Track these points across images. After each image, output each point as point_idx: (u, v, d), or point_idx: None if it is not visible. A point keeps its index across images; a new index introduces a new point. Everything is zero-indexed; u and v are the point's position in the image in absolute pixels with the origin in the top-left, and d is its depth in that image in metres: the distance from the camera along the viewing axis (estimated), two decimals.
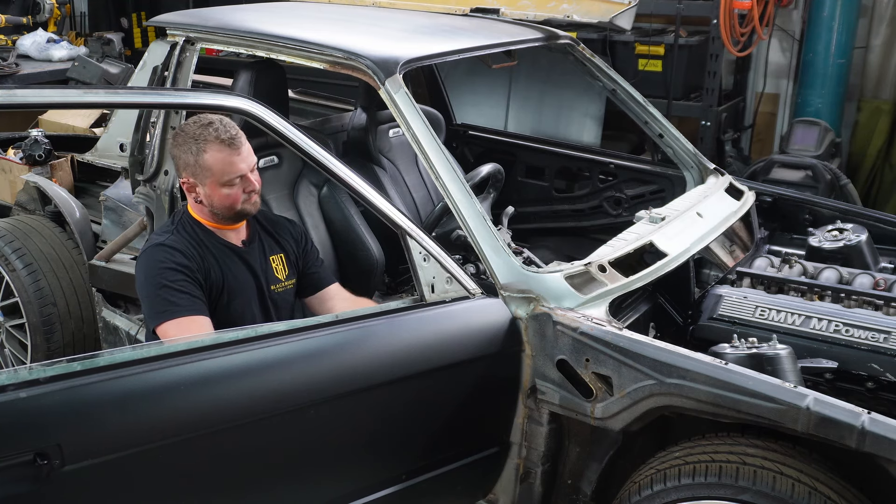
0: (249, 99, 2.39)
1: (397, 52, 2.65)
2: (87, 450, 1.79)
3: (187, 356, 1.95)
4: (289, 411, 2.05)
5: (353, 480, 2.27)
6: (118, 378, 1.85)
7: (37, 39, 6.79)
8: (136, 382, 1.88)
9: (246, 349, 2.03)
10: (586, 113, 5.73)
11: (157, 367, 1.90)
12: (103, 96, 2.28)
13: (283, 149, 3.09)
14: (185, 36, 2.93)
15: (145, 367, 1.89)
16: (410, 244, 2.36)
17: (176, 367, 1.92)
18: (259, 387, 2.02)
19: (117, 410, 1.85)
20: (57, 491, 1.75)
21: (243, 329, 2.10)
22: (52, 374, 1.79)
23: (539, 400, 2.33)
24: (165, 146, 2.80)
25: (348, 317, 2.24)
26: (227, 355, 1.99)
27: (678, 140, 3.38)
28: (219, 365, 1.98)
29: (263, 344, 2.05)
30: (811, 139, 5.37)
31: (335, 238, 3.14)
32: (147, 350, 1.94)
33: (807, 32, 5.73)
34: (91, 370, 1.83)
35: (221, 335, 2.07)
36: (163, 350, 1.95)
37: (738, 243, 3.13)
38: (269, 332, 2.09)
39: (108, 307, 3.25)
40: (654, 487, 2.13)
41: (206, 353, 1.98)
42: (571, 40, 3.36)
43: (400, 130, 3.29)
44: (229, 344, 2.02)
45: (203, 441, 1.94)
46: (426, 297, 2.35)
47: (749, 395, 1.97)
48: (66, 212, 3.47)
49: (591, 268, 2.41)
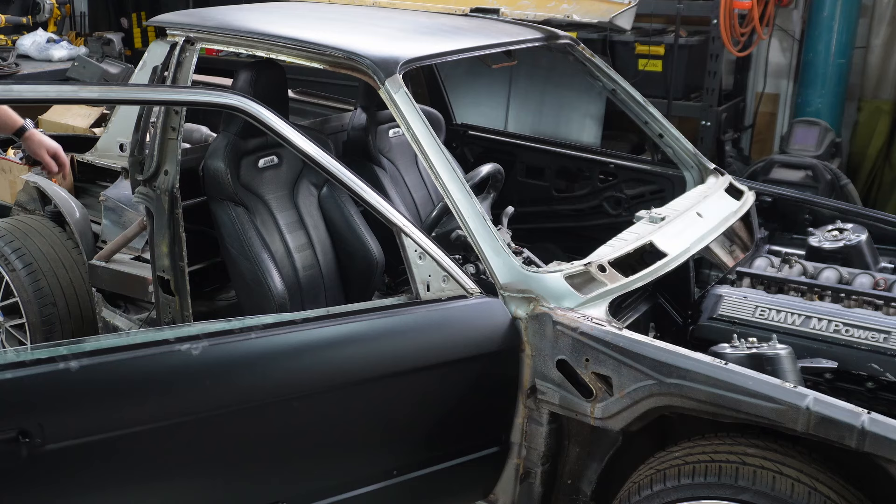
0: (244, 96, 2.41)
1: (397, 52, 2.65)
2: (69, 431, 1.86)
3: (168, 345, 2.01)
4: (264, 405, 2.10)
5: (341, 475, 2.30)
6: (103, 363, 1.92)
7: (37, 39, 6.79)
8: (120, 368, 1.94)
9: (225, 341, 2.07)
10: (586, 113, 5.73)
11: (141, 354, 1.97)
12: (98, 93, 2.31)
13: (283, 149, 3.09)
14: (185, 36, 2.93)
15: (130, 354, 1.96)
16: (405, 242, 2.37)
17: (158, 355, 1.99)
18: (235, 381, 2.09)
19: (100, 394, 1.92)
20: (38, 469, 1.83)
21: (218, 322, 2.17)
22: (38, 357, 1.85)
23: (539, 400, 2.33)
24: (165, 146, 2.80)
25: (339, 311, 2.26)
26: (195, 348, 2.03)
27: (678, 140, 3.39)
28: (183, 357, 2.02)
29: (239, 338, 2.09)
30: (811, 139, 5.37)
31: (335, 238, 3.14)
32: (132, 337, 2.02)
33: (807, 32, 5.73)
34: (77, 354, 1.89)
35: (205, 326, 2.12)
36: (148, 338, 2.03)
37: (738, 243, 3.13)
38: (241, 326, 2.13)
39: (108, 307, 3.26)
40: (654, 487, 2.13)
41: (183, 343, 2.03)
42: (571, 40, 3.36)
43: (400, 130, 3.29)
44: (196, 337, 2.05)
45: (179, 429, 2.00)
46: (421, 296, 2.36)
47: (749, 395, 1.98)
48: (66, 212, 3.47)
49: (591, 268, 2.41)
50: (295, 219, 3.08)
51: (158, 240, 2.85)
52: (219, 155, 2.90)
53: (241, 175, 2.95)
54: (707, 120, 5.43)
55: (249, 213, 2.92)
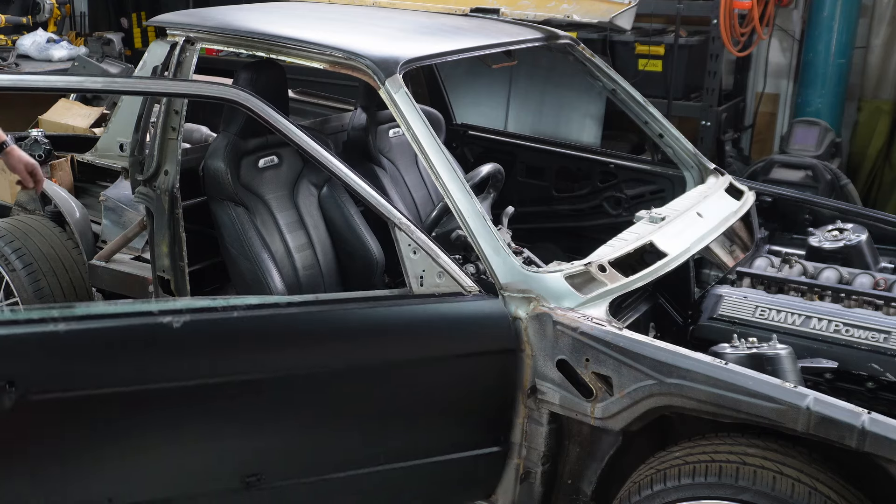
0: (245, 91, 2.46)
1: (397, 52, 2.65)
2: (51, 385, 2.02)
3: (151, 316, 2.11)
4: (238, 382, 2.18)
5: (319, 454, 2.35)
6: (88, 328, 2.05)
7: (37, 39, 6.79)
8: (104, 333, 2.07)
9: (206, 318, 2.16)
10: (586, 113, 5.73)
11: (125, 323, 2.10)
12: (102, 84, 2.53)
13: (283, 149, 3.10)
14: (185, 36, 2.93)
15: (115, 322, 2.09)
16: (399, 235, 2.38)
17: (141, 325, 2.10)
18: (212, 356, 2.18)
19: (83, 354, 2.06)
20: (22, 417, 2.00)
21: (205, 299, 2.26)
22: (30, 317, 2.02)
23: (539, 400, 2.33)
24: (165, 146, 2.80)
25: (326, 299, 2.35)
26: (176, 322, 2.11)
27: (678, 140, 3.39)
28: (164, 329, 2.10)
29: (221, 315, 2.17)
30: (811, 139, 5.37)
31: (335, 238, 3.14)
32: (119, 307, 2.16)
33: (807, 32, 5.73)
34: (67, 318, 2.03)
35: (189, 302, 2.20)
36: (135, 308, 2.16)
37: (738, 243, 3.13)
38: (225, 305, 2.20)
39: None
40: (654, 487, 2.13)
41: (166, 316, 2.12)
42: (571, 40, 3.36)
43: (400, 130, 3.29)
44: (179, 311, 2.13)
45: (155, 396, 2.11)
46: (414, 290, 2.36)
47: (749, 395, 1.98)
48: (66, 212, 3.47)
49: (591, 268, 2.41)
50: (295, 219, 3.09)
51: (158, 240, 2.85)
52: (219, 155, 2.90)
53: (241, 175, 2.95)
54: (707, 120, 5.43)
55: (249, 213, 2.92)
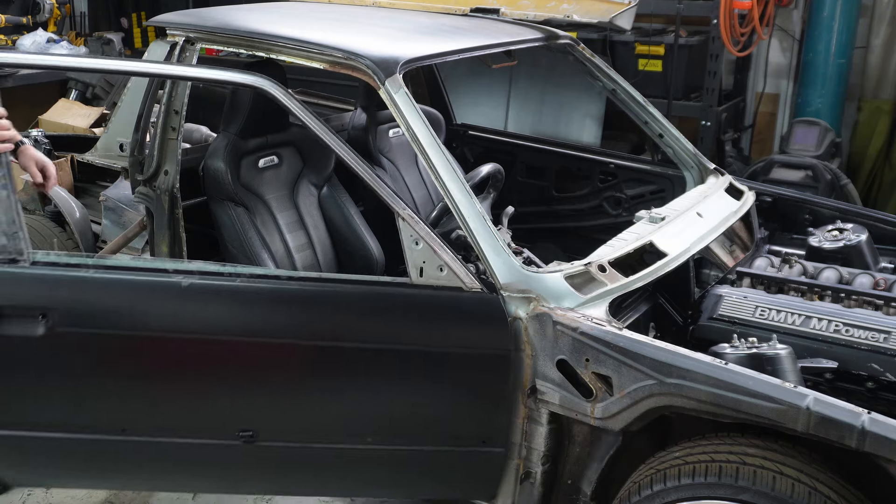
0: (265, 78, 2.53)
1: (397, 52, 2.65)
2: (76, 320, 2.33)
3: (166, 274, 2.35)
4: (232, 343, 2.38)
5: (310, 419, 2.45)
6: (113, 277, 2.35)
7: (37, 39, 6.78)
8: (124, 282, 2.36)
9: (212, 281, 2.36)
10: (586, 113, 5.73)
11: (143, 278, 2.35)
12: (119, 65, 3.05)
13: (283, 149, 3.10)
14: (185, 36, 2.93)
15: (134, 275, 2.36)
16: (401, 225, 2.38)
17: (155, 281, 2.35)
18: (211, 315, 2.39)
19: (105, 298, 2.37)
20: (48, 345, 2.34)
21: (216, 265, 2.43)
22: (67, 261, 2.36)
23: (539, 400, 2.33)
24: (165, 146, 2.80)
25: (329, 277, 2.46)
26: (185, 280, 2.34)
27: (678, 140, 3.39)
28: (173, 285, 2.34)
29: (225, 280, 2.35)
30: (811, 139, 5.37)
31: (335, 238, 3.14)
32: (142, 262, 2.45)
33: (807, 32, 5.73)
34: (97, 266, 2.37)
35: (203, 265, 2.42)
36: (155, 265, 2.40)
37: (738, 243, 3.13)
38: (232, 272, 2.36)
39: None
40: (654, 487, 2.13)
41: (179, 275, 2.35)
42: (571, 40, 3.36)
43: (400, 130, 3.29)
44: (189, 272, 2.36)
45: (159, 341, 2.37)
46: (413, 279, 2.37)
47: (749, 395, 1.98)
48: (66, 212, 3.47)
49: (591, 268, 2.41)
50: (295, 219, 3.09)
51: (158, 240, 2.85)
52: (219, 155, 2.90)
53: (241, 175, 2.95)
54: (707, 120, 5.43)
55: (249, 213, 2.92)
